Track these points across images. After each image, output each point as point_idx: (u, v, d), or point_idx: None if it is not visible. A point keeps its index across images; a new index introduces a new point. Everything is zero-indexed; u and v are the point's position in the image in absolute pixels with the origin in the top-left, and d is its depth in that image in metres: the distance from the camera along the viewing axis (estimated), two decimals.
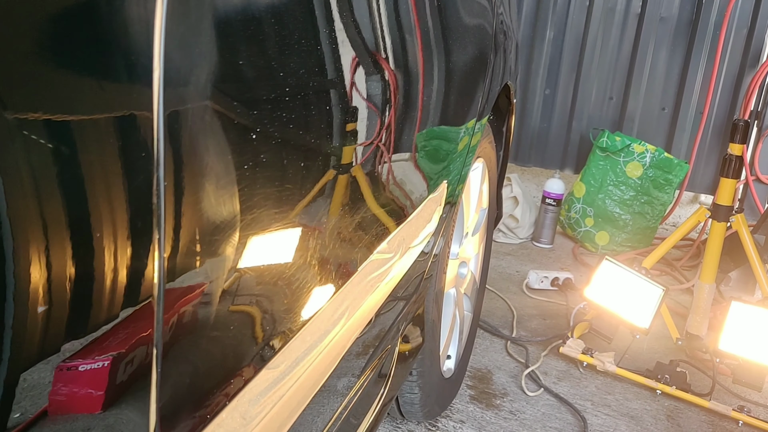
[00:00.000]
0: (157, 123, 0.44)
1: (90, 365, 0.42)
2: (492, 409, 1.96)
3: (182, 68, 0.47)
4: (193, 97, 0.49)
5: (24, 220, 0.36)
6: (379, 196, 0.92)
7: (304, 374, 0.74)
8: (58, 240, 0.38)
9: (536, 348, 2.33)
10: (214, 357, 0.57)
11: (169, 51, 0.44)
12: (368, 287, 0.92)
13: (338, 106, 0.75)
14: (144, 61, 0.43)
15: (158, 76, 0.43)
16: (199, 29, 0.49)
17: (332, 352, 0.82)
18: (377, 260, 0.93)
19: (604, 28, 3.65)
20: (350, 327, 0.87)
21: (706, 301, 2.33)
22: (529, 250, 3.40)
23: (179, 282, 0.49)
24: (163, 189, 0.46)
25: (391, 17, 0.93)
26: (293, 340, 0.70)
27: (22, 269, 0.36)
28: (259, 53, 0.58)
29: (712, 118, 3.60)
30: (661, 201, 3.38)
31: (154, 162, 0.44)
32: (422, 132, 1.08)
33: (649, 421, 1.98)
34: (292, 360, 0.70)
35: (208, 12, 0.50)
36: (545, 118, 3.82)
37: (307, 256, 0.72)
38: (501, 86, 1.73)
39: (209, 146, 0.51)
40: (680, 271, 3.22)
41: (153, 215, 0.45)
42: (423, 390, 1.59)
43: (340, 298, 0.82)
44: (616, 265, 2.27)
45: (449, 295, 1.75)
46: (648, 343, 2.34)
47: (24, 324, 0.37)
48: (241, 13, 0.55)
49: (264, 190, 0.60)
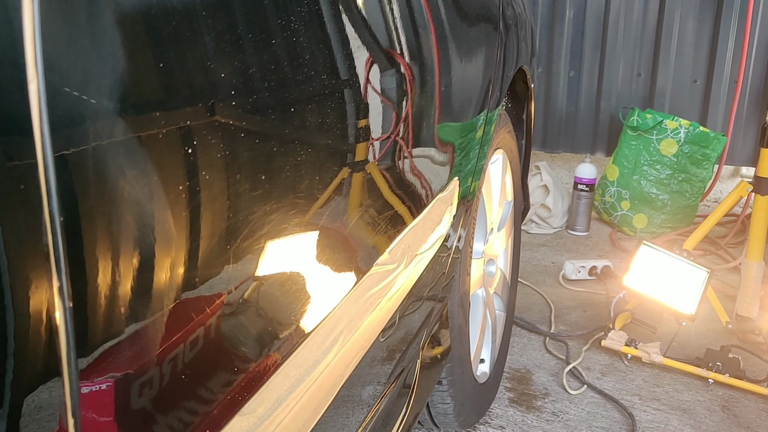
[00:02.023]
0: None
1: (92, 387, 0.42)
2: (533, 412, 1.86)
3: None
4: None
5: (20, 246, 0.36)
6: (380, 197, 0.84)
7: (316, 386, 0.68)
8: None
9: (577, 342, 2.22)
10: (226, 371, 0.55)
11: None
12: (377, 294, 0.84)
13: (335, 104, 0.70)
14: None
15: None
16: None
17: (345, 362, 0.76)
18: (384, 265, 0.85)
19: (626, 1, 3.50)
20: (361, 336, 0.80)
21: (755, 281, 2.20)
22: (564, 239, 3.28)
23: (186, 294, 0.49)
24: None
25: (384, 2, 0.85)
26: (307, 349, 0.66)
27: (20, 295, 0.36)
28: (265, 54, 0.56)
29: (748, 86, 3.42)
30: (699, 177, 3.23)
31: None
32: (425, 127, 0.99)
33: (702, 414, 1.85)
34: (305, 372, 0.66)
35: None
36: (571, 102, 3.69)
37: (315, 263, 0.68)
38: (515, 71, 1.63)
39: (211, 148, 0.50)
40: (725, 249, 3.07)
41: (152, 231, 0.45)
42: (455, 399, 1.50)
43: (341, 311, 0.75)
44: (656, 249, 2.15)
45: (477, 297, 1.65)
46: (695, 330, 2.21)
47: (25, 347, 0.37)
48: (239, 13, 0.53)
49: (278, 193, 0.59)
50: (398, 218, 0.90)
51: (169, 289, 0.47)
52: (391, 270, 0.86)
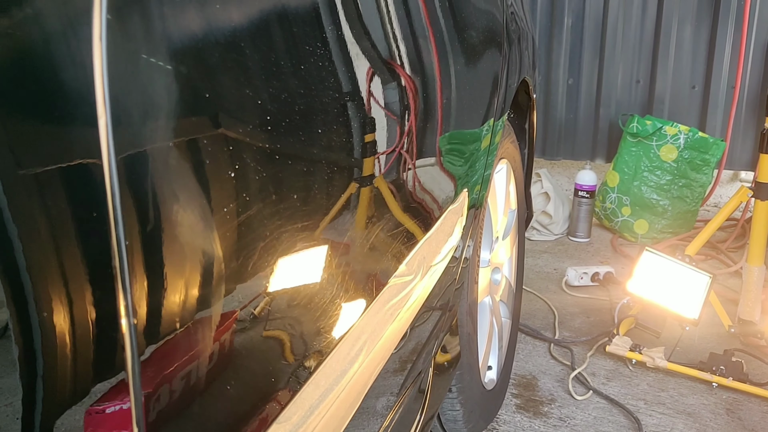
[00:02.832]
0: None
1: (117, 406, 0.43)
2: (540, 417, 1.88)
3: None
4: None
5: (42, 271, 0.37)
6: (395, 207, 0.87)
7: (338, 397, 0.70)
8: (78, 284, 0.39)
9: (581, 348, 2.24)
10: (246, 385, 0.56)
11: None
12: (393, 307, 0.86)
13: (347, 116, 0.72)
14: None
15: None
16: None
17: (365, 373, 0.78)
18: (400, 277, 0.87)
19: (624, 9, 3.54)
20: (378, 349, 0.82)
21: (757, 285, 2.23)
22: (565, 245, 3.31)
23: (204, 313, 0.50)
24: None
25: (396, 18, 0.87)
26: (324, 362, 0.68)
27: (45, 316, 0.37)
28: (271, 71, 0.57)
29: (745, 91, 3.46)
30: (699, 183, 3.26)
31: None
32: (435, 138, 1.01)
33: (707, 417, 1.88)
34: (324, 383, 0.68)
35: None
36: (571, 109, 3.72)
37: (330, 276, 0.70)
38: (518, 83, 1.66)
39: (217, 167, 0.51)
40: (726, 253, 3.10)
41: (162, 253, 0.45)
42: (465, 406, 1.52)
43: (364, 321, 0.77)
44: (658, 255, 2.18)
45: (484, 305, 1.67)
46: (699, 334, 2.24)
47: (53, 370, 0.38)
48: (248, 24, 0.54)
49: (288, 209, 0.60)
50: (414, 231, 0.93)
51: (213, 303, 0.50)
52: (409, 281, 0.88)
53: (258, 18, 0.57)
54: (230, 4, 0.53)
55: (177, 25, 0.46)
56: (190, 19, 0.48)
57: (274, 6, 0.60)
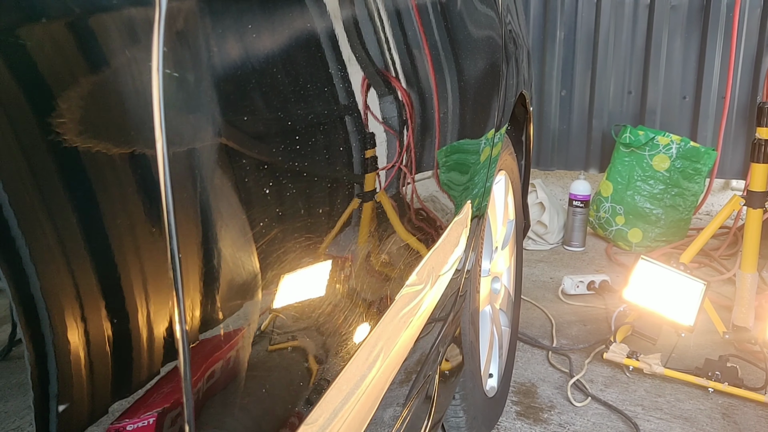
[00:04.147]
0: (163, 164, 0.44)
1: (137, 424, 0.44)
2: (540, 424, 1.91)
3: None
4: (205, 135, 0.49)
5: (56, 285, 0.37)
6: (404, 219, 0.90)
7: (352, 410, 0.73)
8: (93, 301, 0.39)
9: (579, 356, 2.28)
10: (258, 401, 0.57)
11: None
12: (404, 317, 0.90)
13: (355, 133, 0.75)
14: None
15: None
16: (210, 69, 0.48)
17: (376, 385, 0.81)
18: (410, 288, 0.91)
19: (615, 22, 3.60)
20: (391, 359, 0.86)
21: (750, 291, 2.27)
22: (561, 254, 3.35)
23: (214, 331, 0.50)
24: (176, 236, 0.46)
25: (398, 37, 0.91)
26: (355, 365, 0.71)
27: (60, 335, 0.37)
28: (275, 88, 0.59)
29: (735, 101, 3.52)
30: (692, 191, 3.31)
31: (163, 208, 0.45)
32: (441, 151, 1.05)
33: (704, 422, 1.91)
34: (336, 397, 0.70)
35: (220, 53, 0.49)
36: (564, 120, 3.77)
37: (338, 291, 0.72)
38: (516, 96, 1.70)
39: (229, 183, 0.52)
40: (719, 261, 3.14)
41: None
42: (467, 413, 1.55)
43: (378, 332, 0.80)
44: (653, 263, 2.22)
45: (485, 313, 1.71)
46: (694, 340, 2.28)
47: (70, 390, 0.38)
48: (253, 49, 0.55)
49: (293, 226, 0.61)
50: (424, 242, 0.96)
51: (243, 313, 0.53)
52: (419, 291, 0.92)
53: (270, 39, 0.58)
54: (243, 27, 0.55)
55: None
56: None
57: (283, 27, 0.61)
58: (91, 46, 0.39)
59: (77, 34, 0.39)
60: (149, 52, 0.42)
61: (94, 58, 0.39)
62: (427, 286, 0.96)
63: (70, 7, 0.38)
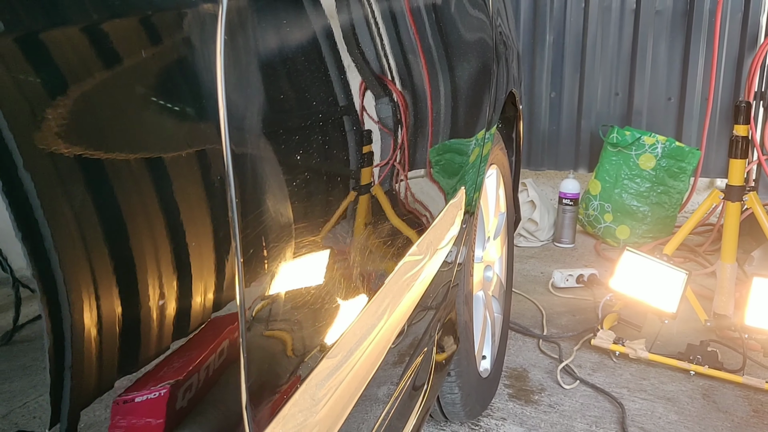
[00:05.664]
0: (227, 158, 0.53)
1: (146, 396, 0.45)
2: (531, 405, 2.02)
3: (239, 107, 0.56)
4: (254, 131, 0.57)
5: (75, 265, 0.40)
6: (401, 211, 1.01)
7: (346, 380, 0.79)
8: (107, 278, 0.42)
9: (568, 343, 2.39)
10: (261, 373, 0.61)
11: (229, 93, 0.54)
12: (401, 293, 1.00)
13: (354, 131, 0.82)
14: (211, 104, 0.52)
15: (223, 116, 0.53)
16: (249, 74, 0.58)
17: (370, 358, 0.89)
18: (406, 267, 1.02)
19: (602, 26, 3.73)
20: (387, 333, 0.96)
21: (730, 281, 2.39)
22: (551, 251, 3.47)
23: (226, 309, 0.53)
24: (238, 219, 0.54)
25: (392, 40, 1.01)
26: (361, 324, 0.78)
27: (76, 312, 0.40)
28: (291, 91, 0.67)
29: (718, 102, 3.65)
30: (677, 189, 3.43)
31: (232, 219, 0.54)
32: (436, 147, 1.16)
33: (685, 401, 2.03)
34: (335, 366, 0.76)
35: (256, 59, 0.60)
36: (554, 121, 3.90)
37: (342, 273, 0.79)
38: (506, 95, 1.82)
39: (265, 173, 0.59)
40: (703, 256, 3.26)
41: (194, 249, 0.50)
42: (462, 390, 1.66)
43: (377, 305, 0.91)
44: (638, 254, 2.34)
45: (478, 298, 1.82)
46: (677, 327, 2.40)
47: (81, 359, 0.40)
48: (272, 57, 0.64)
49: (305, 211, 0.68)
50: (423, 218, 1.07)
51: (202, 309, 0.53)
52: (419, 260, 1.03)
53: (278, 39, 0.64)
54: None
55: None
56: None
57: (290, 29, 0.68)
58: (160, 42, 0.48)
59: (151, 30, 0.47)
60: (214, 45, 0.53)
61: (164, 52, 0.48)
62: (427, 256, 1.07)
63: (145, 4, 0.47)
